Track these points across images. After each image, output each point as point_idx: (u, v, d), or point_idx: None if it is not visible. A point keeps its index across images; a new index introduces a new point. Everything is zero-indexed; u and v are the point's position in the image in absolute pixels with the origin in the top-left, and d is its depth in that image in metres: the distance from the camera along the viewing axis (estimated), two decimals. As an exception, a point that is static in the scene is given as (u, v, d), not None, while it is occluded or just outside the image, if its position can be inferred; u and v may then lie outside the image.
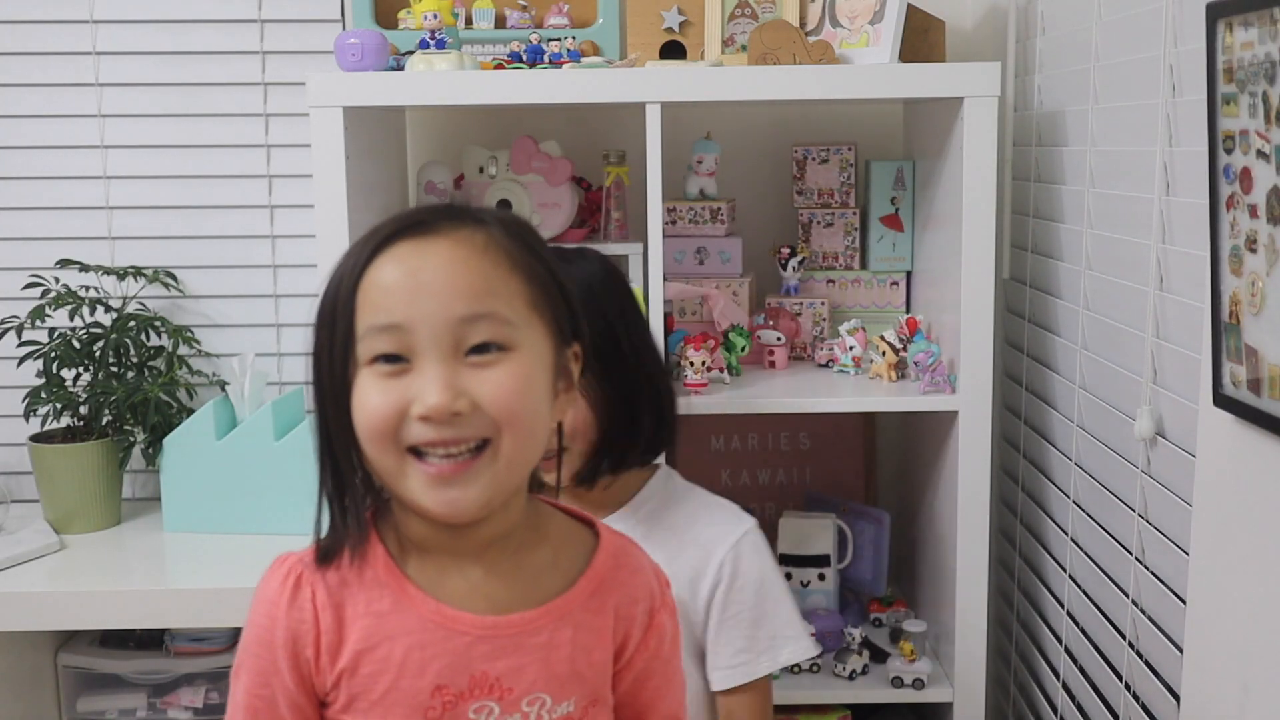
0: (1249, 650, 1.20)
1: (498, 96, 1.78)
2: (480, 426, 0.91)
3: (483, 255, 0.93)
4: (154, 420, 2.10)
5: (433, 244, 0.93)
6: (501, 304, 0.92)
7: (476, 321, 0.91)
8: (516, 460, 0.94)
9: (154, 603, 1.87)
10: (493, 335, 0.92)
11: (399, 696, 0.95)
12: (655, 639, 1.06)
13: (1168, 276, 1.47)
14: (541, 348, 0.96)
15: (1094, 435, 1.71)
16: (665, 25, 2.01)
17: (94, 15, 2.21)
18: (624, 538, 1.08)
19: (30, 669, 2.11)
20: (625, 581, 1.05)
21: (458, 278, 0.91)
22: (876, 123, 2.25)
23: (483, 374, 0.91)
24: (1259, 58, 1.08)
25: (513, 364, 0.92)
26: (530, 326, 0.94)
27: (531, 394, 0.94)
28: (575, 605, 1.01)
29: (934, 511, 2.00)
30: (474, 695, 0.96)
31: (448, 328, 0.91)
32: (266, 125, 2.24)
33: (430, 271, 0.91)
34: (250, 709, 0.98)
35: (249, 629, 0.99)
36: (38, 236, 2.24)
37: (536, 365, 0.95)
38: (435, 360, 0.90)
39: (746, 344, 1.98)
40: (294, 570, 0.98)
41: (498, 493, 0.94)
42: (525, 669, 0.97)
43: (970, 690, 1.88)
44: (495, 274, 0.93)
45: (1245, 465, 1.20)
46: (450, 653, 0.96)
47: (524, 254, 0.96)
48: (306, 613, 0.96)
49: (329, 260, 1.86)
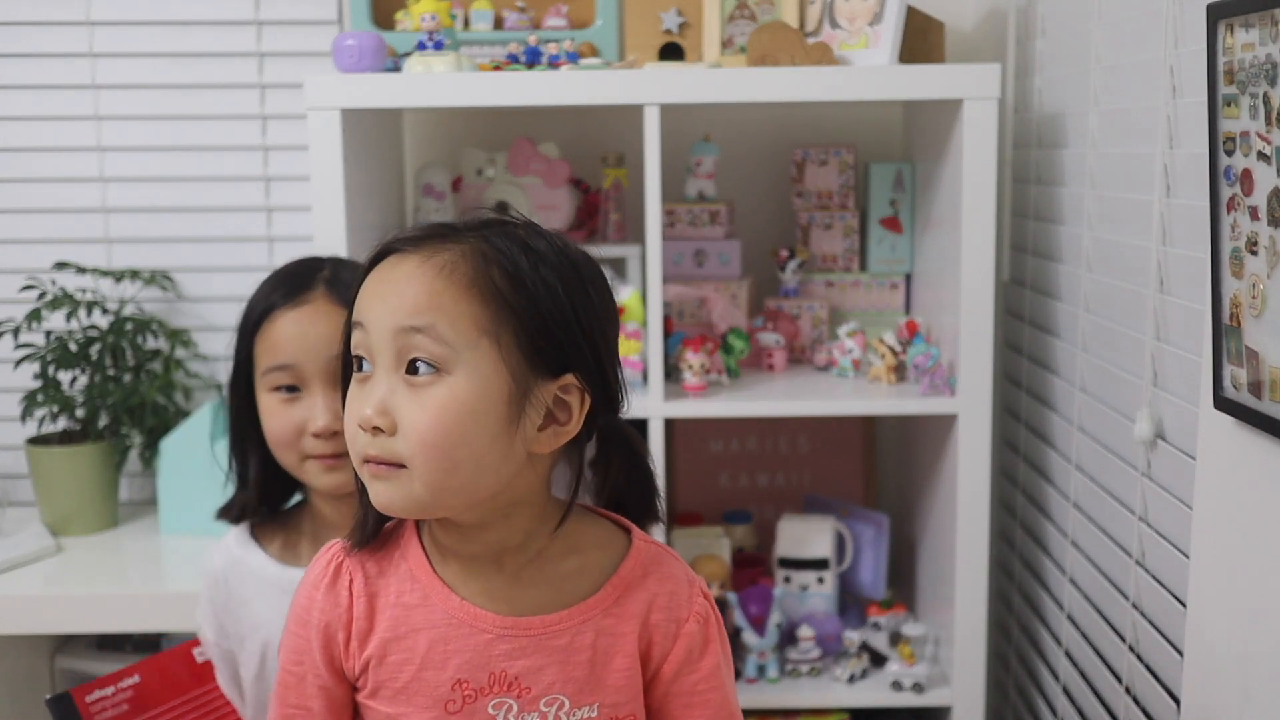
0: (1249, 654, 1.20)
1: (495, 98, 1.77)
2: (394, 451, 0.94)
3: (437, 273, 0.94)
4: (151, 423, 2.10)
5: (407, 259, 0.96)
6: (444, 321, 0.93)
7: (413, 334, 0.93)
8: (436, 485, 0.94)
9: (151, 606, 1.87)
10: (429, 353, 0.93)
11: (421, 687, 0.99)
12: (684, 649, 1.04)
13: (1168, 279, 1.46)
14: (490, 376, 0.93)
15: (1094, 438, 1.71)
16: (664, 27, 2.01)
17: (90, 16, 2.20)
18: (659, 546, 1.08)
19: (27, 672, 2.10)
20: (653, 589, 1.04)
21: (405, 291, 0.94)
22: (876, 125, 2.24)
23: (414, 395, 0.93)
24: (1260, 59, 1.08)
25: (443, 389, 0.93)
26: (476, 350, 0.93)
27: (457, 423, 0.92)
28: (597, 610, 1.01)
29: (933, 514, 1.99)
30: (493, 691, 0.99)
31: (389, 336, 0.94)
32: (263, 127, 2.24)
33: (390, 282, 0.95)
34: (283, 682, 1.04)
35: (293, 607, 1.04)
36: (34, 239, 2.24)
37: (477, 394, 0.93)
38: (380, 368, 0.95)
39: (745, 346, 1.98)
40: (336, 557, 1.03)
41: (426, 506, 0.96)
42: (544, 670, 0.99)
43: (969, 694, 1.87)
44: (447, 292, 0.93)
45: (1246, 468, 1.19)
46: (471, 649, 0.99)
47: (492, 276, 0.94)
48: (343, 599, 1.01)
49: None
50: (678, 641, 1.04)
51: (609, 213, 2.08)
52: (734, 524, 2.17)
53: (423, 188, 2.06)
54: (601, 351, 0.99)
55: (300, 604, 1.03)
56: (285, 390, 1.32)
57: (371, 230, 1.94)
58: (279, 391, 1.32)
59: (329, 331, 1.29)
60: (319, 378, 1.31)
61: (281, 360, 1.31)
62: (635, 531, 1.07)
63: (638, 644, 1.03)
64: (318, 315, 1.32)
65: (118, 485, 2.15)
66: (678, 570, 1.07)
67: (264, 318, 1.33)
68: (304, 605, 1.03)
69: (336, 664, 1.02)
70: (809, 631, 1.97)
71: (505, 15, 2.02)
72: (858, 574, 2.08)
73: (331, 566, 1.02)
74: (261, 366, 1.33)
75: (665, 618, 1.04)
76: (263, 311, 1.33)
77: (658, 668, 1.04)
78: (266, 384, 1.33)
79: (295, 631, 1.03)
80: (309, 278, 1.35)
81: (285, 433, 1.32)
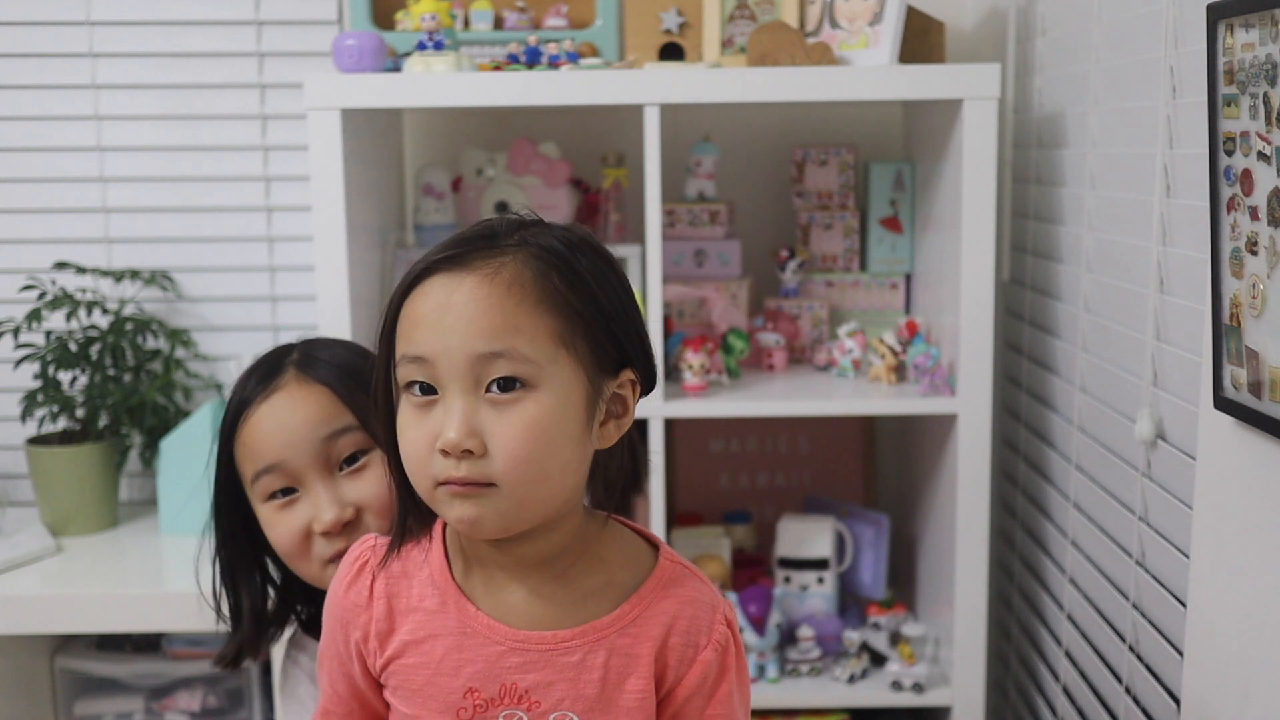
0: (1250, 654, 1.20)
1: (495, 98, 1.77)
2: (484, 471, 0.93)
3: (506, 291, 0.93)
4: (151, 423, 2.10)
5: (462, 280, 0.94)
6: (523, 341, 0.92)
7: (495, 359, 0.92)
8: (526, 499, 0.94)
9: (151, 606, 1.87)
10: (514, 373, 0.92)
11: (435, 692, 0.99)
12: (699, 676, 1.02)
13: (1168, 279, 1.46)
14: (570, 384, 0.94)
15: (1094, 438, 1.71)
16: (664, 27, 2.01)
17: (91, 17, 2.20)
18: (685, 568, 1.05)
19: (27, 672, 2.10)
20: (672, 612, 1.02)
21: (476, 316, 0.93)
22: (876, 124, 2.24)
23: (500, 413, 0.93)
24: (1260, 59, 1.08)
25: (531, 405, 0.93)
26: (556, 363, 0.94)
27: (547, 436, 0.93)
28: (612, 630, 1.00)
29: (933, 514, 1.99)
30: (503, 703, 0.99)
31: (465, 364, 0.92)
32: (263, 127, 2.24)
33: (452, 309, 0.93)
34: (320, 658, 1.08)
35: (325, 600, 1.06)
36: (34, 239, 2.24)
37: (561, 404, 0.94)
38: (454, 393, 0.93)
39: (745, 346, 1.98)
40: (363, 556, 1.04)
41: (513, 522, 0.96)
42: (554, 686, 0.99)
43: (969, 694, 1.87)
44: (519, 310, 0.93)
45: (1246, 468, 1.19)
46: (483, 659, 0.99)
47: (556, 285, 0.94)
48: (361, 598, 1.02)
49: (326, 262, 1.85)
50: (693, 668, 1.02)
51: (609, 213, 2.08)
52: (734, 524, 2.17)
53: (423, 188, 2.06)
54: (647, 343, 1.00)
55: (329, 594, 1.06)
56: (280, 495, 1.18)
57: (371, 230, 1.94)
58: (274, 499, 1.18)
59: (310, 415, 1.17)
60: (312, 470, 1.17)
61: (266, 462, 1.17)
62: (663, 550, 1.06)
63: (653, 667, 1.01)
64: (294, 401, 1.18)
65: (118, 485, 2.16)
66: (701, 594, 1.03)
67: (239, 418, 1.19)
68: (330, 597, 1.05)
69: (357, 654, 1.03)
70: (809, 631, 1.97)
71: (505, 15, 2.02)
72: (858, 574, 2.08)
73: (356, 566, 1.04)
74: (248, 475, 1.19)
75: (683, 642, 1.01)
76: (236, 411, 1.20)
77: (670, 691, 1.02)
78: (258, 494, 1.19)
79: (325, 618, 1.06)
80: (277, 364, 1.21)
81: (293, 543, 1.18)
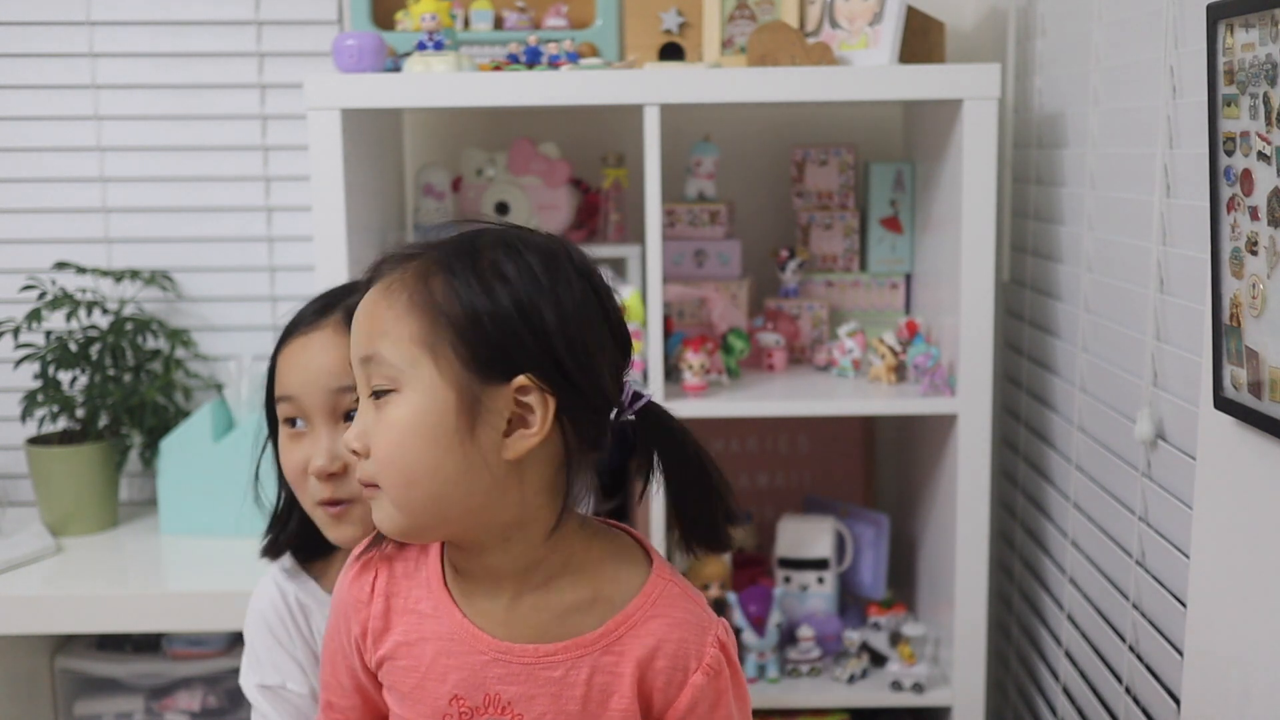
0: (1250, 654, 1.20)
1: (495, 98, 1.77)
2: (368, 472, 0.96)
3: (381, 296, 0.96)
4: (151, 423, 2.10)
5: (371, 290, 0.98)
6: (385, 345, 0.94)
7: (366, 364, 0.96)
8: (403, 502, 0.94)
9: (151, 606, 1.87)
10: (382, 376, 0.95)
11: (423, 695, 1.00)
12: (689, 701, 0.99)
13: (1168, 279, 1.46)
14: (434, 389, 0.92)
15: (1094, 438, 1.71)
16: (664, 27, 2.01)
17: (90, 16, 2.20)
18: (677, 586, 1.01)
19: (27, 673, 2.10)
20: (659, 634, 0.99)
21: (360, 321, 0.97)
22: (876, 124, 2.24)
23: (378, 417, 0.95)
24: (1260, 59, 1.08)
25: (392, 408, 0.94)
26: (417, 367, 0.93)
27: (409, 439, 0.93)
28: (596, 647, 0.98)
29: (933, 514, 1.99)
30: (487, 711, 0.98)
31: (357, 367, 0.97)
32: (264, 127, 2.24)
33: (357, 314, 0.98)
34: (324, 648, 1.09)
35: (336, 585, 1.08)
36: (34, 239, 2.24)
37: (424, 409, 0.93)
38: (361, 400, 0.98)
39: (745, 346, 1.98)
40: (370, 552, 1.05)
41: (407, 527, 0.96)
42: (536, 699, 0.98)
43: (969, 694, 1.87)
44: (388, 314, 0.94)
45: (1246, 468, 1.19)
46: (468, 667, 0.99)
47: (429, 290, 0.93)
48: (363, 594, 1.03)
49: (326, 262, 1.85)
50: (684, 691, 0.99)
51: (609, 213, 2.08)
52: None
53: (423, 188, 2.06)
54: (561, 349, 0.93)
55: (336, 590, 1.06)
56: (291, 424, 1.21)
57: (371, 231, 1.94)
58: (288, 425, 1.21)
59: (332, 363, 1.18)
60: (320, 413, 1.19)
61: (285, 391, 1.20)
62: (655, 565, 1.02)
63: (636, 687, 0.98)
64: (326, 345, 1.19)
65: (118, 485, 2.15)
66: (691, 615, 1.00)
67: (283, 341, 1.23)
68: (336, 591, 1.06)
69: (357, 647, 1.04)
70: (809, 631, 1.97)
71: (505, 15, 2.02)
72: (858, 574, 2.08)
73: (361, 560, 1.05)
74: (276, 394, 1.23)
75: (670, 665, 0.98)
76: (287, 331, 1.23)
77: (660, 716, 1.00)
78: (280, 413, 1.22)
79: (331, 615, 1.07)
80: (333, 303, 1.23)
81: (294, 472, 1.21)
